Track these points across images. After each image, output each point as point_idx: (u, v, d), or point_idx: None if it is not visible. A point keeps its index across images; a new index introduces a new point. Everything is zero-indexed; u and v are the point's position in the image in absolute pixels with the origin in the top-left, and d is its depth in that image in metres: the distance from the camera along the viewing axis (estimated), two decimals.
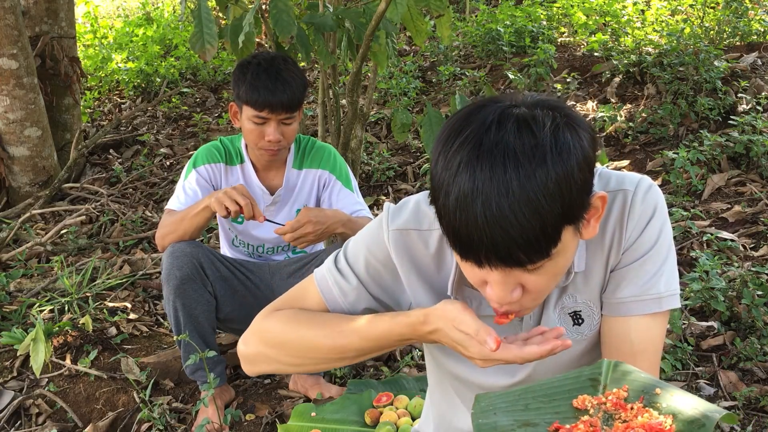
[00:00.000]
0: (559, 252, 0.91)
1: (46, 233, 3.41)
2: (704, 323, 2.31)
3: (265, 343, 1.18)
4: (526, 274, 0.92)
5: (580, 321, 1.11)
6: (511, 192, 0.85)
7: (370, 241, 1.15)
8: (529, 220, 0.85)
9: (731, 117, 3.60)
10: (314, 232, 1.94)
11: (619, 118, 3.95)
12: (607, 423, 0.83)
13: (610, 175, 1.09)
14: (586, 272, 1.09)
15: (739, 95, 3.84)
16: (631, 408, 0.84)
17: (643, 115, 3.91)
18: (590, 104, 4.31)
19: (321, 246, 2.37)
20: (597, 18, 5.57)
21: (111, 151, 4.73)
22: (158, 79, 5.81)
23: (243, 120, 2.03)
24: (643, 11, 5.70)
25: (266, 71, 1.97)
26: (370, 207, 2.97)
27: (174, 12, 7.64)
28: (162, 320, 2.70)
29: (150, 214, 3.71)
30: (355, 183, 2.23)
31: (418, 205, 1.14)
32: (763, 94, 3.79)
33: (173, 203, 2.08)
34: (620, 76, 4.43)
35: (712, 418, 0.79)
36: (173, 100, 5.46)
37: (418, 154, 4.23)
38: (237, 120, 2.08)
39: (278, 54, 2.06)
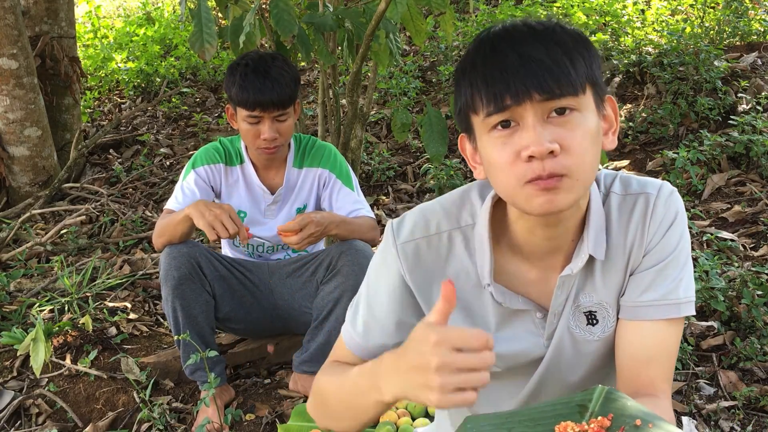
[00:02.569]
0: (585, 107, 0.96)
1: (46, 233, 3.41)
2: (704, 323, 2.31)
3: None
4: (559, 129, 0.94)
5: (595, 321, 1.11)
6: (543, 34, 0.96)
7: (379, 273, 1.13)
8: (558, 51, 0.94)
9: (731, 117, 3.60)
10: (316, 233, 1.96)
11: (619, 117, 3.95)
12: None
13: (631, 179, 1.10)
14: (604, 272, 1.08)
15: (739, 95, 3.83)
16: None
17: (643, 115, 3.91)
18: None
19: (321, 246, 2.37)
20: (597, 18, 5.56)
21: (111, 151, 4.73)
22: (158, 79, 5.81)
23: (238, 121, 2.04)
24: (643, 11, 5.70)
25: (254, 71, 1.97)
26: (371, 207, 2.97)
27: (174, 12, 7.64)
28: (162, 320, 2.70)
29: (150, 214, 3.71)
30: (356, 181, 2.23)
31: (420, 211, 1.12)
32: (763, 93, 3.79)
33: (171, 203, 2.09)
34: (620, 76, 4.43)
35: None
36: (173, 100, 5.46)
37: (418, 154, 4.23)
38: (234, 122, 2.09)
39: (266, 52, 2.07)
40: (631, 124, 3.88)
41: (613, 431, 0.84)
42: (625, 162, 3.66)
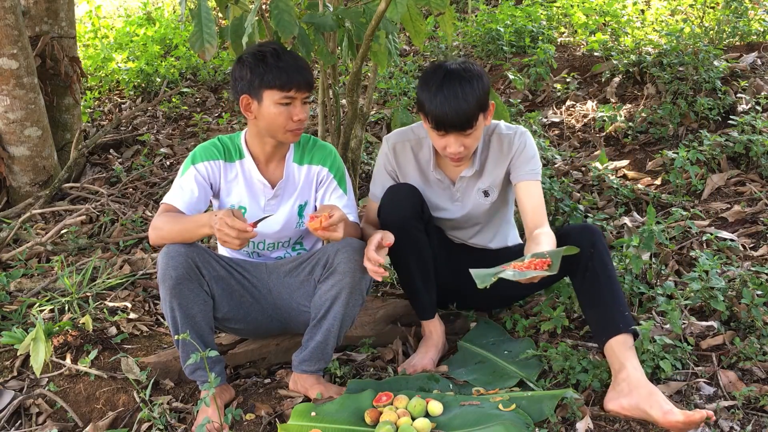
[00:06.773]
0: (477, 127, 2.07)
1: (46, 233, 3.41)
2: (704, 323, 2.31)
3: None
4: (463, 137, 2.07)
5: (488, 195, 2.31)
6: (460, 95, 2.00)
7: (381, 162, 2.36)
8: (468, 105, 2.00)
9: (731, 117, 3.60)
10: (334, 230, 1.91)
11: (618, 118, 3.95)
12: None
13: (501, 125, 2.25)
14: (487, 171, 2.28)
15: (739, 95, 3.84)
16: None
17: (643, 115, 3.92)
18: (590, 104, 4.31)
19: (320, 244, 2.38)
20: (597, 18, 5.57)
21: (111, 151, 4.74)
22: (158, 79, 5.82)
23: (266, 107, 2.02)
24: (642, 11, 5.71)
25: (285, 53, 2.04)
26: None
27: (174, 12, 7.65)
28: (162, 320, 2.70)
29: (150, 214, 3.71)
30: (350, 186, 2.24)
31: (410, 128, 2.35)
32: (762, 93, 3.79)
33: (170, 198, 2.08)
34: (620, 76, 4.43)
35: (559, 252, 1.76)
36: (173, 100, 5.46)
37: None
38: (250, 112, 2.07)
39: (274, 42, 2.12)
40: (630, 124, 3.88)
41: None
42: (625, 162, 3.66)
